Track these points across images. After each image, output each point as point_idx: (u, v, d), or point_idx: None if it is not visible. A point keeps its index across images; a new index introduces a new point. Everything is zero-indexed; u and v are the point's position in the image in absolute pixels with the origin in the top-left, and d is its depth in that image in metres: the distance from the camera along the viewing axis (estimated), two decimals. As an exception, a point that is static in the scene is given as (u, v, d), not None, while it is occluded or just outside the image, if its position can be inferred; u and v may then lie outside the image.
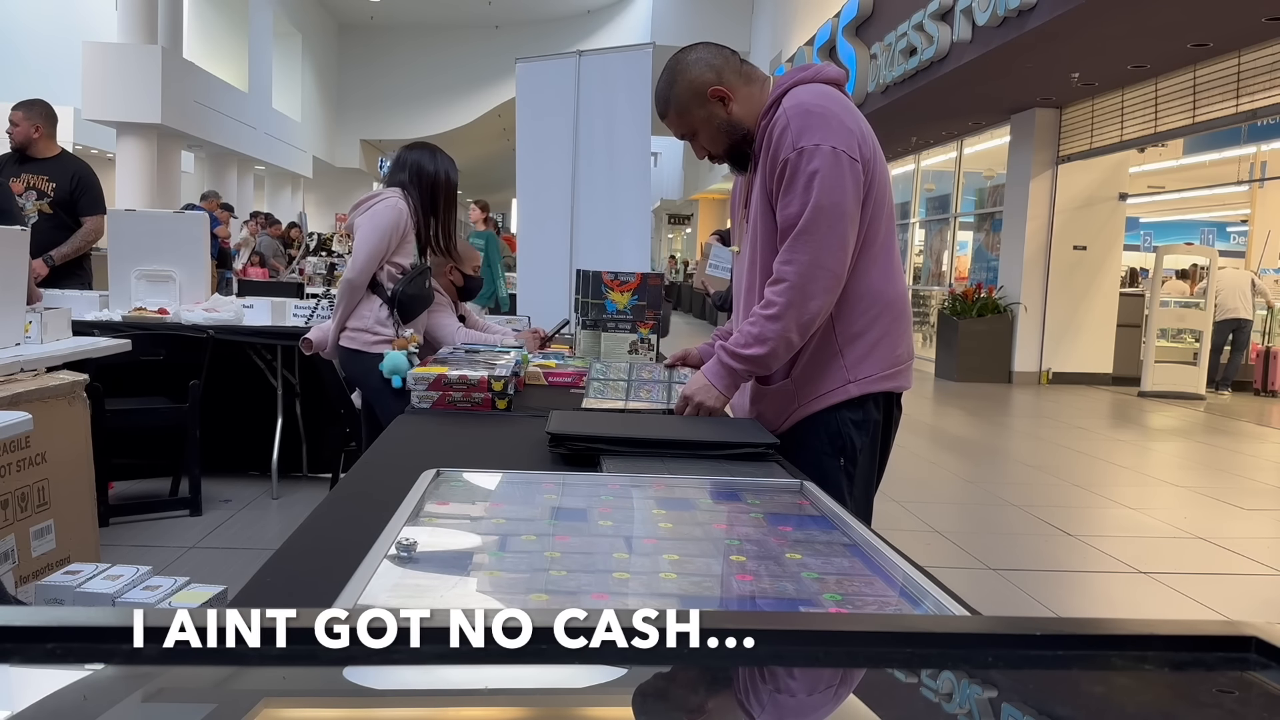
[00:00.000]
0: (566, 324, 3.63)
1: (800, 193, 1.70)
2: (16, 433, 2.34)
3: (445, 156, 3.20)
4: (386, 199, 3.05)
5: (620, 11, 22.55)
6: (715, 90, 1.82)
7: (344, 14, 25.51)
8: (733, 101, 1.83)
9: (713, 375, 1.83)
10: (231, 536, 3.77)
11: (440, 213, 3.17)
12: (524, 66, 5.67)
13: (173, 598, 1.67)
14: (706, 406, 1.83)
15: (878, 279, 1.81)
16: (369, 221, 3.00)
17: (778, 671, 0.58)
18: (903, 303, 1.86)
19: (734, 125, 1.84)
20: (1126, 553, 4.03)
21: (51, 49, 16.03)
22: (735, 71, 1.85)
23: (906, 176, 14.20)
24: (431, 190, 3.12)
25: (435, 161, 3.14)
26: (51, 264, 4.48)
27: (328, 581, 0.84)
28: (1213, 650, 0.56)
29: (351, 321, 3.03)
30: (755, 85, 1.86)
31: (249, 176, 20.88)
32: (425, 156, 3.15)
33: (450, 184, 3.19)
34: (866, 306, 1.80)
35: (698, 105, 1.84)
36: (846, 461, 1.83)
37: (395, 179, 3.13)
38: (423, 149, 3.19)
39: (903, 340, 1.86)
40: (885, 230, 1.82)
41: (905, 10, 9.53)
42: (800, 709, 0.59)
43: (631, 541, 1.04)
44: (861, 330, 1.80)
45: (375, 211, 3.01)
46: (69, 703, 0.51)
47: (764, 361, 1.79)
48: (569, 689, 0.56)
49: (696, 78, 1.83)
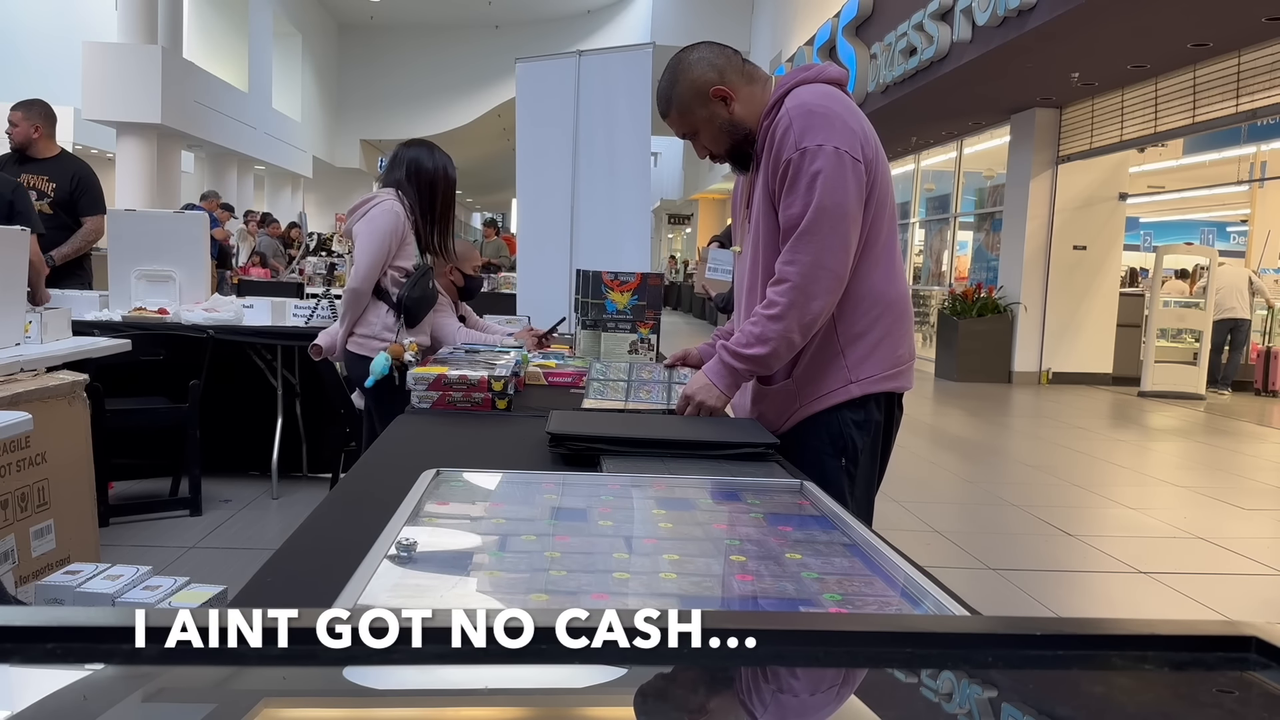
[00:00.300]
0: (563, 321, 3.63)
1: (803, 193, 1.70)
2: (16, 433, 2.34)
3: (443, 153, 3.15)
4: (381, 203, 3.00)
5: (620, 11, 22.55)
6: (717, 90, 1.82)
7: (344, 14, 25.52)
8: (735, 101, 1.82)
9: (714, 375, 1.83)
10: (231, 536, 3.77)
11: (438, 211, 3.12)
12: (524, 66, 5.67)
13: (173, 598, 1.67)
14: (708, 406, 1.82)
15: (880, 280, 1.81)
16: (366, 228, 2.96)
17: (778, 671, 0.58)
18: (904, 303, 1.86)
19: (736, 125, 1.84)
20: (1126, 553, 4.03)
21: (51, 49, 16.04)
22: (737, 71, 1.84)
23: (906, 176, 14.19)
24: (430, 188, 3.07)
25: (433, 158, 3.10)
26: (52, 264, 4.48)
27: (328, 581, 0.84)
28: (1213, 650, 0.56)
29: (360, 328, 3.00)
30: (757, 85, 1.86)
31: (249, 176, 20.89)
32: (423, 153, 3.10)
33: (449, 180, 3.13)
34: (869, 307, 1.80)
35: (700, 105, 1.84)
36: (848, 462, 1.83)
37: (391, 178, 3.08)
38: (420, 145, 3.15)
39: (904, 341, 1.86)
40: (887, 231, 1.82)
41: (905, 10, 9.53)
42: (801, 709, 0.59)
43: (631, 541, 1.04)
44: (863, 331, 1.81)
45: (372, 217, 2.97)
46: (69, 703, 0.51)
47: (765, 361, 1.79)
48: (569, 689, 0.56)
49: (699, 77, 1.83)
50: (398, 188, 3.03)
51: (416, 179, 3.05)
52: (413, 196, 3.04)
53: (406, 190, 3.03)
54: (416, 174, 3.05)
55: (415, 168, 3.06)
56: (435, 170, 3.08)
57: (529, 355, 2.78)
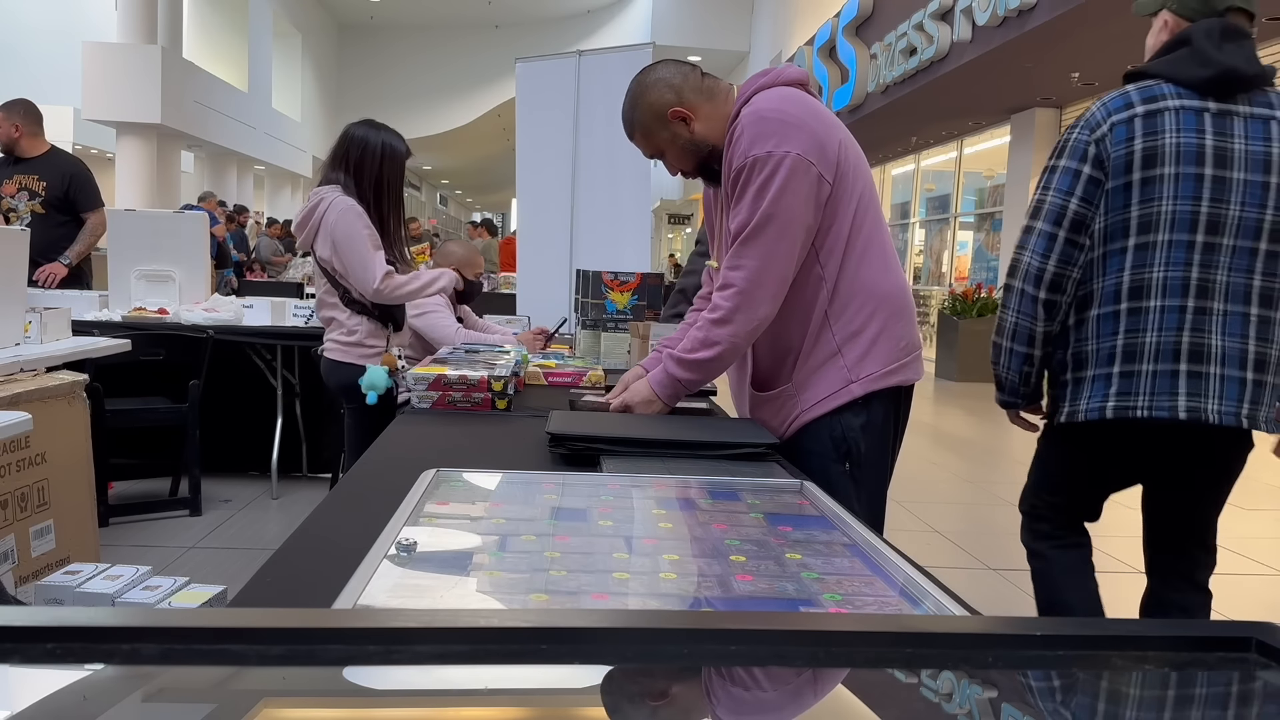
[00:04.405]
0: (564, 322, 3.63)
1: (750, 200, 1.69)
2: (16, 433, 2.34)
3: (390, 130, 2.84)
4: (331, 201, 2.72)
5: (620, 11, 22.55)
6: (675, 111, 1.79)
7: (344, 14, 25.53)
8: (695, 120, 1.80)
9: (657, 384, 1.82)
10: (231, 536, 3.77)
11: (386, 195, 2.81)
12: (524, 66, 5.67)
13: (173, 598, 1.68)
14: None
15: (869, 274, 1.77)
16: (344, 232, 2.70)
17: (779, 672, 0.58)
18: (900, 296, 1.82)
19: (698, 144, 1.82)
20: (1126, 553, 4.03)
21: (51, 49, 16.06)
22: (695, 89, 1.81)
23: (906, 176, 14.20)
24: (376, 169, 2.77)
25: (378, 135, 2.79)
26: (69, 264, 4.50)
27: (328, 581, 0.84)
28: (1213, 650, 0.56)
29: (342, 335, 2.84)
30: (718, 100, 1.83)
31: (249, 176, 20.90)
32: (367, 132, 2.79)
33: (395, 157, 2.79)
34: (861, 303, 1.77)
35: (660, 127, 1.82)
36: (852, 466, 1.80)
37: (332, 175, 2.79)
38: (361, 124, 2.84)
39: (905, 334, 1.81)
40: (871, 224, 1.78)
41: (905, 10, 9.53)
42: (800, 709, 0.59)
43: (631, 541, 1.04)
44: (859, 328, 1.78)
45: (335, 224, 2.70)
46: (69, 703, 0.51)
47: (710, 367, 1.77)
48: (569, 689, 0.56)
49: (656, 100, 1.81)
50: (341, 184, 2.77)
51: (360, 164, 2.77)
52: (354, 186, 2.76)
53: (347, 184, 2.77)
54: (360, 159, 2.77)
55: (360, 151, 2.77)
56: (380, 148, 2.78)
57: (529, 355, 2.78)
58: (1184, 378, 1.86)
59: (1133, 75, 1.95)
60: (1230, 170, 1.84)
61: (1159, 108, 1.86)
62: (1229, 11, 1.89)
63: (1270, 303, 1.88)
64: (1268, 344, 1.88)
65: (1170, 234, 1.85)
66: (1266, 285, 1.87)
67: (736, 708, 0.57)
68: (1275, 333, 1.89)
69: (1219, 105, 1.85)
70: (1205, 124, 1.84)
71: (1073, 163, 1.93)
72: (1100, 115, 1.91)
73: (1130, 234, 1.87)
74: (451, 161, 31.20)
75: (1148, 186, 1.85)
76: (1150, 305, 1.87)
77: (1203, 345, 1.86)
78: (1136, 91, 1.89)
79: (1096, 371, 1.92)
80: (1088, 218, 1.91)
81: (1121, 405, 1.89)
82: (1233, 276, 1.86)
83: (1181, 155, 1.83)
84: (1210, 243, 1.85)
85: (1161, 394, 1.87)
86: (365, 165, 2.77)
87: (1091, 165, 1.90)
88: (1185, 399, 1.86)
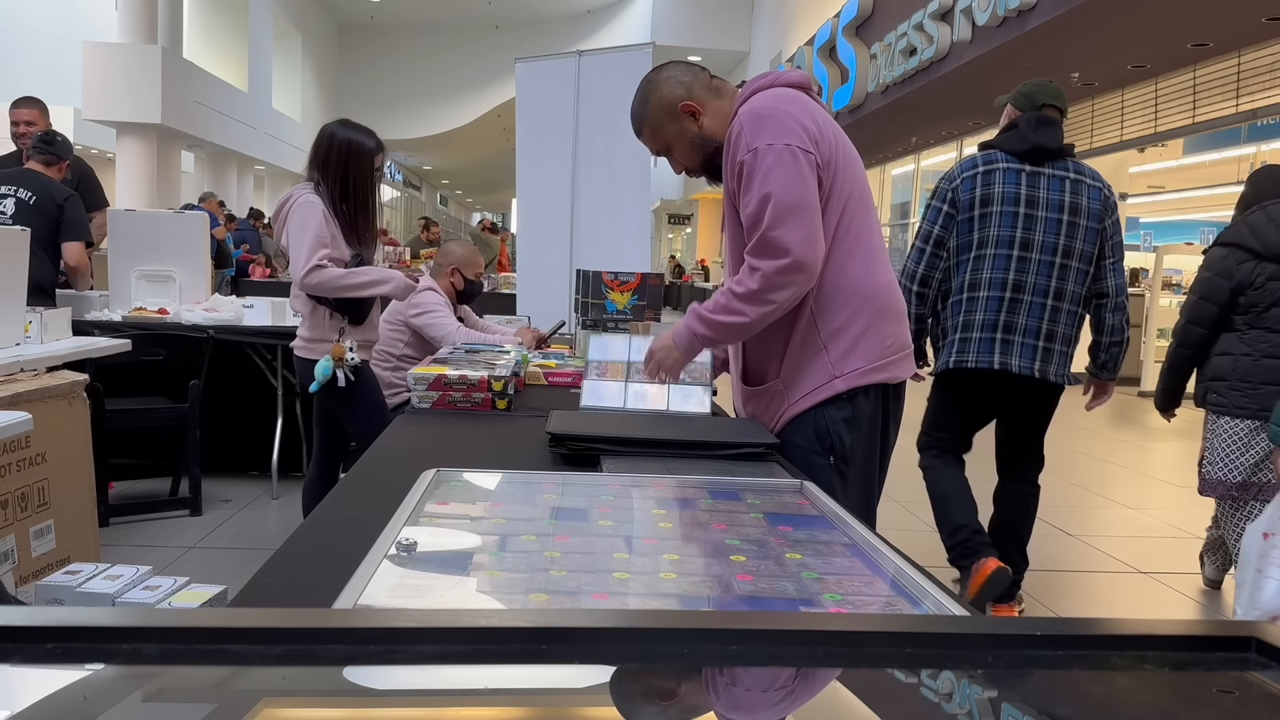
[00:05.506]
0: (562, 325, 3.63)
1: (758, 190, 1.73)
2: (16, 433, 2.34)
3: (361, 127, 2.91)
4: (297, 198, 2.81)
5: (620, 11, 22.56)
6: (686, 105, 1.85)
7: (344, 14, 25.53)
8: (703, 116, 1.86)
9: (677, 335, 1.88)
10: (231, 536, 3.77)
11: (354, 191, 2.86)
12: (524, 66, 5.67)
13: (173, 598, 1.68)
14: (665, 367, 1.90)
15: (856, 271, 1.81)
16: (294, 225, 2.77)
17: (779, 671, 0.58)
18: (888, 294, 1.85)
19: (706, 139, 1.87)
20: (1126, 553, 4.03)
21: (51, 49, 16.06)
22: (705, 87, 1.88)
23: (906, 176, 14.20)
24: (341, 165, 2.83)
25: (345, 132, 2.87)
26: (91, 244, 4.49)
27: (328, 581, 0.84)
28: (1213, 650, 0.56)
29: (308, 331, 2.88)
30: (725, 99, 1.89)
31: (249, 176, 20.90)
32: (336, 129, 2.88)
33: (362, 152, 2.86)
34: (847, 300, 1.80)
35: (670, 121, 1.88)
36: (837, 459, 1.82)
37: (308, 175, 2.88)
38: (335, 123, 2.93)
39: (891, 331, 1.85)
40: (860, 222, 1.83)
41: (905, 10, 9.53)
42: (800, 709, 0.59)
43: (631, 541, 1.04)
44: (844, 325, 1.81)
45: (292, 216, 2.79)
46: (69, 703, 0.51)
47: (728, 330, 1.82)
48: (569, 689, 0.56)
49: (667, 94, 1.87)
50: (315, 181, 2.85)
51: (326, 161, 2.84)
52: (324, 183, 2.83)
53: (319, 181, 2.83)
54: (327, 156, 2.83)
55: (327, 149, 2.85)
56: (347, 144, 2.84)
57: (529, 355, 2.78)
58: (998, 343, 2.83)
59: (984, 145, 2.95)
60: (1037, 210, 2.80)
61: (993, 167, 2.84)
62: (1044, 107, 2.92)
63: (1061, 297, 2.83)
64: (1056, 324, 2.84)
65: (996, 249, 2.82)
66: (1059, 286, 2.83)
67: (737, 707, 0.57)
68: (1062, 317, 2.85)
69: (1033, 167, 2.83)
70: (1022, 179, 2.82)
71: (937, 202, 2.92)
72: (956, 171, 2.92)
73: (972, 249, 2.85)
74: (451, 161, 31.21)
75: (984, 219, 2.82)
76: (981, 295, 2.84)
77: (1013, 322, 2.82)
78: (980, 156, 2.90)
79: (952, 338, 2.90)
80: (945, 239, 2.89)
81: (960, 360, 2.88)
82: (1037, 279, 2.81)
83: (1005, 198, 2.80)
84: (1023, 256, 2.80)
85: (984, 353, 2.84)
86: (332, 162, 2.84)
87: (948, 204, 2.88)
88: (999, 356, 2.83)
